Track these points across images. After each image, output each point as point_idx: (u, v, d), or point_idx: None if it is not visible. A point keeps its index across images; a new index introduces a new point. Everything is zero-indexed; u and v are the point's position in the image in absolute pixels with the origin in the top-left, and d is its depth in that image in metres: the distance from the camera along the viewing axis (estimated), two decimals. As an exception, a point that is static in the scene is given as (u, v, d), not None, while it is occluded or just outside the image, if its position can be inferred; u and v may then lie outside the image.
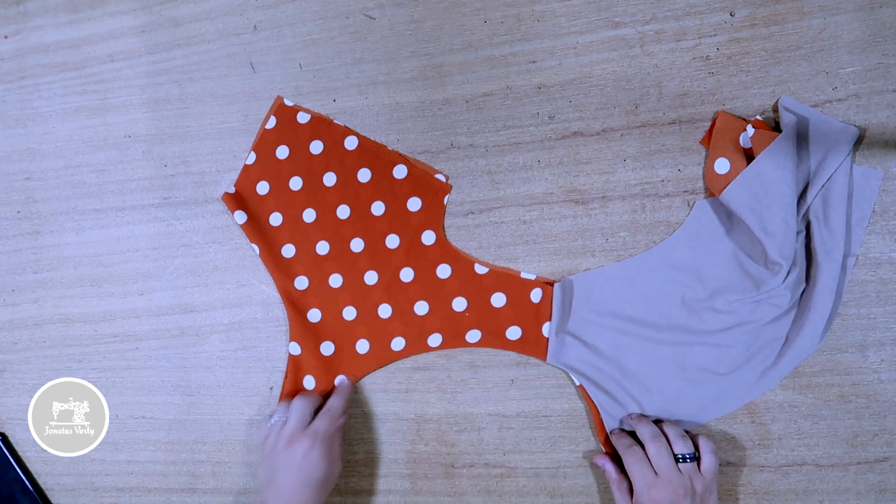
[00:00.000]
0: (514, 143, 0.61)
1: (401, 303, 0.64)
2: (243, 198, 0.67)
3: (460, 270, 0.63)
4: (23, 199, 0.74)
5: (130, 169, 0.70)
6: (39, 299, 0.73)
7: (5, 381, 0.75)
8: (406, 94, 0.64)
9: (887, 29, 0.54)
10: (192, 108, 0.69)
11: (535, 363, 0.62)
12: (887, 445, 0.56)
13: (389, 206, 0.64)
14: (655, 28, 0.58)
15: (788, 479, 0.57)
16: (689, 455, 0.54)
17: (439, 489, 0.65)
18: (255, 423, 0.68)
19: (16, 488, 0.74)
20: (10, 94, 0.74)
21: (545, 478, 0.62)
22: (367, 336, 0.65)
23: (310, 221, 0.65)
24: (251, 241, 0.66)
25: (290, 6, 0.66)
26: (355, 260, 0.64)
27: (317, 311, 0.65)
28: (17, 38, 0.73)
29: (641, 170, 0.59)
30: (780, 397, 0.57)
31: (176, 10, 0.69)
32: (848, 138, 0.53)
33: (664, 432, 0.56)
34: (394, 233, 0.64)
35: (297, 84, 0.66)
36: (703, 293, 0.57)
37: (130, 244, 0.71)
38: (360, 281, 0.64)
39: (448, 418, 0.64)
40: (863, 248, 0.55)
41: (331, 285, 0.65)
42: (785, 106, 0.54)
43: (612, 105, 0.59)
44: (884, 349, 0.55)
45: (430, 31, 0.63)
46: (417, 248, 0.63)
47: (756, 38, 0.56)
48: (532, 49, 0.61)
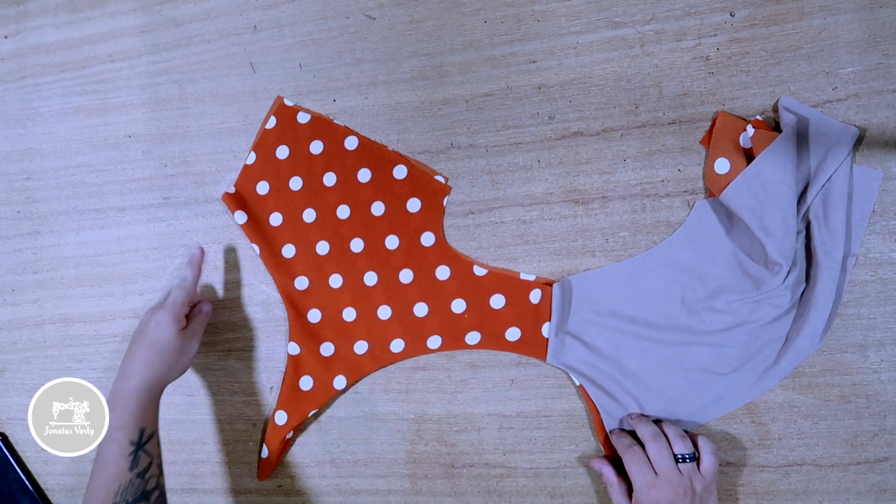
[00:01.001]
0: (514, 143, 0.61)
1: (400, 304, 0.64)
2: (243, 198, 0.67)
3: (459, 272, 0.63)
4: (23, 199, 0.74)
5: (130, 169, 0.70)
6: (39, 299, 0.73)
7: (5, 381, 0.75)
8: (406, 94, 0.64)
9: (887, 29, 0.54)
10: (192, 108, 0.69)
11: (534, 363, 0.62)
12: (887, 445, 0.56)
13: (389, 207, 0.64)
14: (655, 28, 0.58)
15: (788, 479, 0.57)
16: (688, 455, 0.54)
17: (439, 489, 0.65)
18: (256, 423, 0.68)
19: (16, 488, 0.74)
20: (10, 94, 0.74)
21: (545, 478, 0.62)
22: (367, 337, 0.65)
23: (310, 221, 0.65)
24: (251, 241, 0.66)
25: (290, 6, 0.66)
26: (355, 260, 0.64)
27: (317, 312, 0.65)
28: (17, 38, 0.73)
29: (641, 170, 0.59)
30: (780, 397, 0.57)
31: (176, 10, 0.69)
32: (848, 138, 0.53)
33: (664, 432, 0.56)
34: (393, 233, 0.64)
35: (297, 84, 0.66)
36: (703, 293, 0.57)
37: (130, 244, 0.71)
38: (359, 282, 0.64)
39: (448, 418, 0.64)
40: (863, 248, 0.55)
41: (331, 286, 0.65)
42: (785, 106, 0.54)
43: (612, 105, 0.59)
44: (884, 349, 0.55)
45: (430, 31, 0.63)
46: (417, 249, 0.63)
47: (756, 38, 0.56)
48: (532, 49, 0.61)
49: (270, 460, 0.67)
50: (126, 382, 0.58)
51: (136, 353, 0.59)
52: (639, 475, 0.54)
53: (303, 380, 0.65)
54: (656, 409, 0.59)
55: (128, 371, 0.58)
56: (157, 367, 0.59)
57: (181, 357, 0.61)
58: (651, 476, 0.53)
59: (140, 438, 0.56)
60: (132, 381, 0.58)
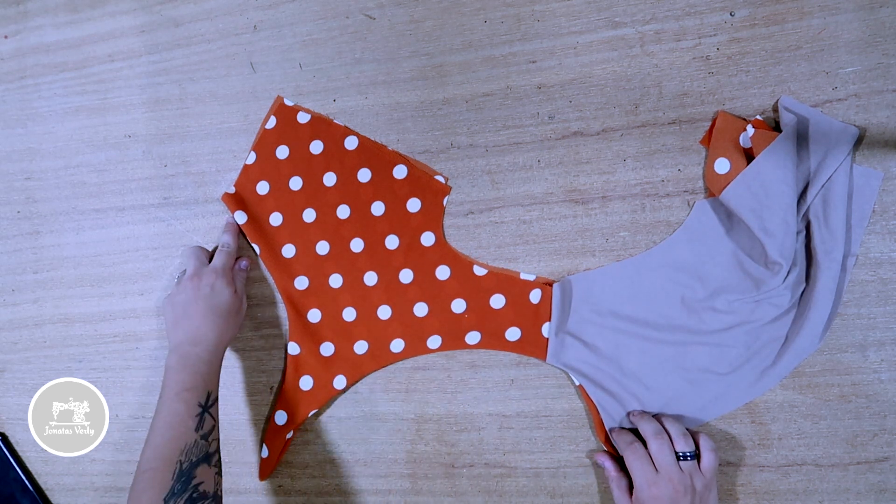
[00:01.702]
0: (514, 143, 0.61)
1: (400, 304, 0.64)
2: (243, 198, 0.67)
3: (459, 272, 0.63)
4: (23, 199, 0.74)
5: (130, 169, 0.70)
6: (39, 299, 0.73)
7: (5, 381, 0.75)
8: (406, 94, 0.64)
9: (887, 29, 0.54)
10: (192, 108, 0.69)
11: (534, 363, 0.62)
12: (887, 445, 0.56)
13: (389, 207, 0.64)
14: (655, 28, 0.58)
15: (788, 479, 0.57)
16: (689, 453, 0.54)
17: (439, 489, 0.65)
18: (256, 423, 0.68)
19: (16, 488, 0.74)
20: (10, 94, 0.74)
21: (545, 478, 0.62)
22: (367, 337, 0.65)
23: (310, 221, 0.65)
24: (251, 242, 0.66)
25: (290, 6, 0.66)
26: (355, 260, 0.64)
27: (317, 312, 0.65)
28: (17, 38, 0.73)
29: (641, 170, 0.59)
30: (780, 397, 0.57)
31: (176, 10, 0.69)
32: (848, 138, 0.53)
33: (666, 430, 0.56)
34: (393, 233, 0.64)
35: (297, 84, 0.66)
36: (703, 293, 0.57)
37: (130, 244, 0.71)
38: (359, 282, 0.64)
39: (448, 418, 0.64)
40: (863, 248, 0.55)
41: (331, 285, 0.65)
42: (785, 106, 0.54)
43: (612, 105, 0.59)
44: (884, 349, 0.55)
45: (430, 31, 0.63)
46: (417, 249, 0.63)
47: (756, 38, 0.56)
48: (532, 49, 0.61)
49: (270, 460, 0.67)
50: (196, 346, 0.58)
51: (201, 318, 0.60)
52: (640, 472, 0.54)
53: (303, 379, 0.65)
54: (656, 408, 0.59)
55: (196, 335, 0.59)
56: (223, 329, 0.60)
57: (239, 316, 0.63)
58: (652, 473, 0.53)
59: (207, 401, 0.56)
60: (202, 344, 0.59)
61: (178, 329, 0.60)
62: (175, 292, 0.63)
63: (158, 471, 0.51)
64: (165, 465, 0.52)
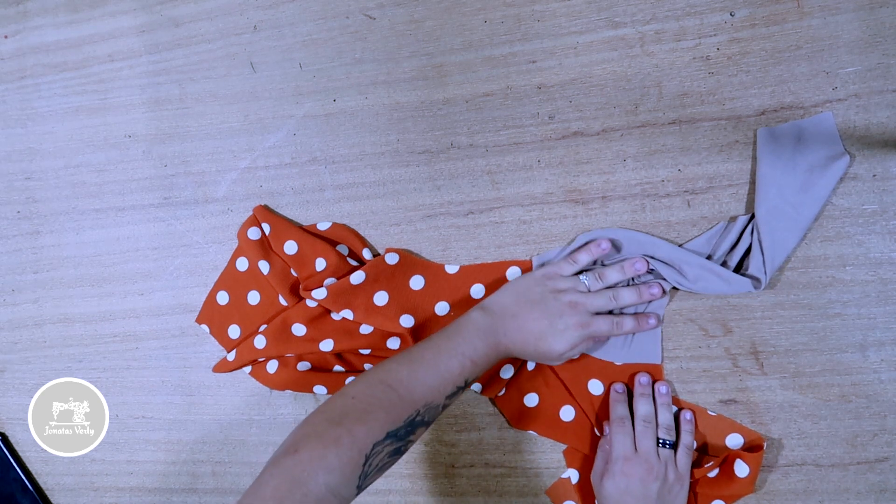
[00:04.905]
0: (514, 143, 0.61)
1: (382, 324, 0.62)
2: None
3: (431, 276, 0.63)
4: (23, 199, 0.74)
5: (130, 169, 0.70)
6: (39, 299, 0.73)
7: (5, 381, 0.75)
8: (406, 94, 0.64)
9: (887, 29, 0.54)
10: (192, 108, 0.69)
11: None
12: (887, 445, 0.56)
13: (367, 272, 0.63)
14: (655, 28, 0.58)
15: (788, 479, 0.57)
16: (669, 442, 0.56)
17: (439, 489, 0.65)
18: (256, 423, 0.68)
19: (16, 488, 0.74)
20: (10, 94, 0.74)
21: (545, 478, 0.62)
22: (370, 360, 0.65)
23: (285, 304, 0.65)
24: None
25: (290, 6, 0.66)
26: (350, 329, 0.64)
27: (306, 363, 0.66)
28: (17, 38, 0.73)
29: (641, 170, 0.59)
30: (780, 397, 0.57)
31: (176, 10, 0.69)
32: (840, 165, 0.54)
33: (656, 416, 0.57)
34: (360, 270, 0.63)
35: (297, 84, 0.66)
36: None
37: (130, 244, 0.71)
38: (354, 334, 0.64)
39: (448, 418, 0.64)
40: (863, 248, 0.55)
41: (322, 349, 0.64)
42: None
43: (612, 105, 0.59)
44: (884, 349, 0.55)
45: (430, 31, 0.63)
46: (385, 271, 0.62)
47: (756, 38, 0.56)
48: (532, 49, 0.61)
49: (231, 365, 0.66)
50: (505, 336, 0.54)
51: (532, 319, 0.55)
52: (620, 446, 0.56)
53: (295, 326, 0.64)
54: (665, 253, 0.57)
55: (520, 337, 0.55)
56: (533, 354, 0.56)
57: (549, 360, 0.58)
58: (630, 451, 0.55)
59: (469, 379, 0.54)
60: (511, 346, 0.55)
61: (519, 319, 0.55)
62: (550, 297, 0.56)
63: (403, 404, 0.49)
64: (410, 406, 0.50)
